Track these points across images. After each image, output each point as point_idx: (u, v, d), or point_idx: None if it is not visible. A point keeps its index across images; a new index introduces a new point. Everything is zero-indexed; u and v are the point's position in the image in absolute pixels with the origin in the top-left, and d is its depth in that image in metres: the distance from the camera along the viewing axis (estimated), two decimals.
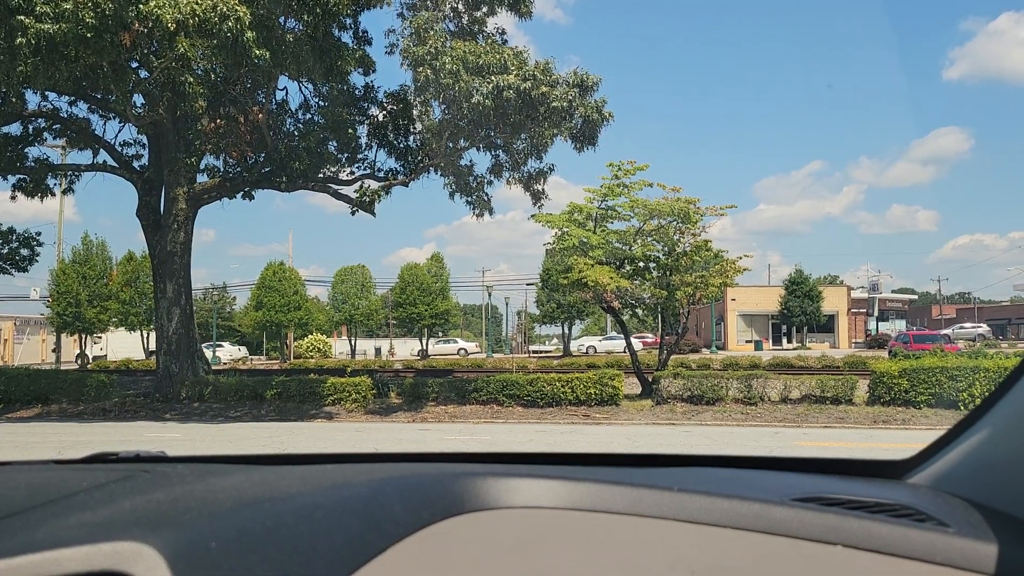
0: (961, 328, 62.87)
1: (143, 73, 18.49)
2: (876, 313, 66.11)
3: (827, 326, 62.06)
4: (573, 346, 59.10)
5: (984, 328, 62.67)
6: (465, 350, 60.59)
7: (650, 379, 19.84)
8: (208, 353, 38.16)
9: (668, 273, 19.88)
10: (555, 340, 62.78)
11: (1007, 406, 1.23)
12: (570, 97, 18.90)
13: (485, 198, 23.71)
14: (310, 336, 58.31)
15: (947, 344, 37.21)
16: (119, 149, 23.38)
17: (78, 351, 50.56)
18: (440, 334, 68.20)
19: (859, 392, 18.45)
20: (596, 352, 53.65)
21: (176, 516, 1.06)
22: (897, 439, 14.28)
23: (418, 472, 1.27)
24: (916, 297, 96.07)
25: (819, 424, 16.46)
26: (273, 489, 1.21)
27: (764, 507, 1.07)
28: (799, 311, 58.70)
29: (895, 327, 67.38)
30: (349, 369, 23.70)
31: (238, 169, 22.88)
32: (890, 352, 37.48)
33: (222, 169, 23.41)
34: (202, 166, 22.63)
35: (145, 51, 17.72)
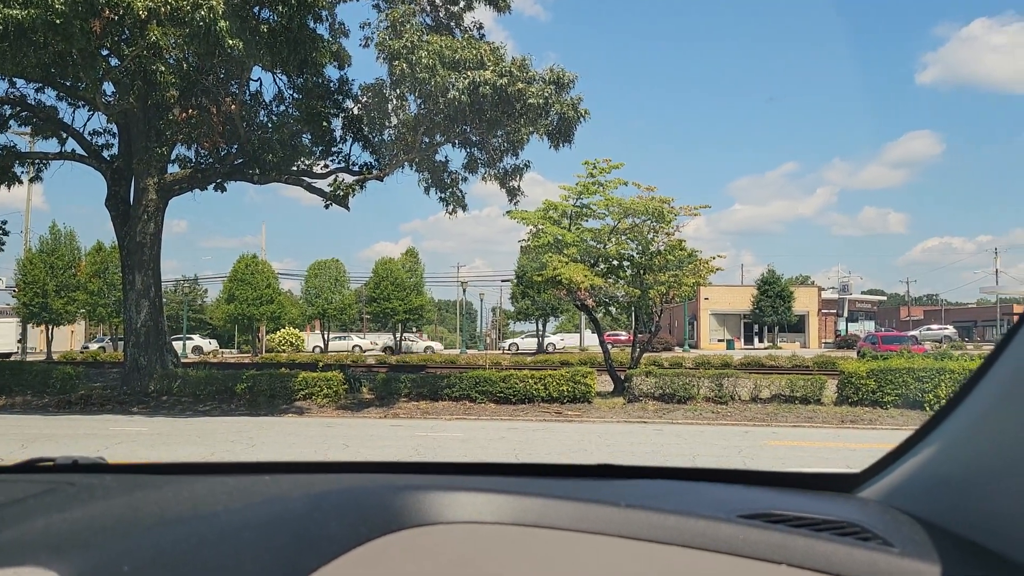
0: (928, 330, 63.72)
1: (113, 61, 18.20)
2: (846, 314, 66.86)
3: (798, 326, 62.69)
4: (519, 344, 58.63)
5: (950, 330, 63.57)
6: (431, 348, 59.85)
7: (622, 377, 19.90)
8: (178, 346, 37.75)
9: (642, 272, 19.94)
10: (513, 340, 61.49)
11: (956, 421, 1.21)
12: (546, 94, 18.88)
13: (459, 194, 23.63)
14: (282, 330, 57.88)
15: (914, 345, 37.73)
16: (88, 138, 23.00)
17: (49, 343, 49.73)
18: (414, 329, 67.93)
19: (828, 392, 18.63)
20: (519, 350, 52.29)
21: (90, 536, 1.00)
22: (864, 439, 14.43)
23: (357, 485, 1.22)
24: (885, 298, 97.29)
25: (788, 423, 16.59)
26: (201, 504, 1.15)
27: (710, 524, 1.05)
28: (771, 311, 59.23)
29: (864, 328, 68.18)
30: (321, 364, 23.52)
31: (210, 160, 22.60)
32: (859, 352, 37.93)
33: (194, 160, 23.12)
34: (173, 156, 22.33)
35: (116, 38, 17.44)
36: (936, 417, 1.26)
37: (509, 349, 55.09)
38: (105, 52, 17.79)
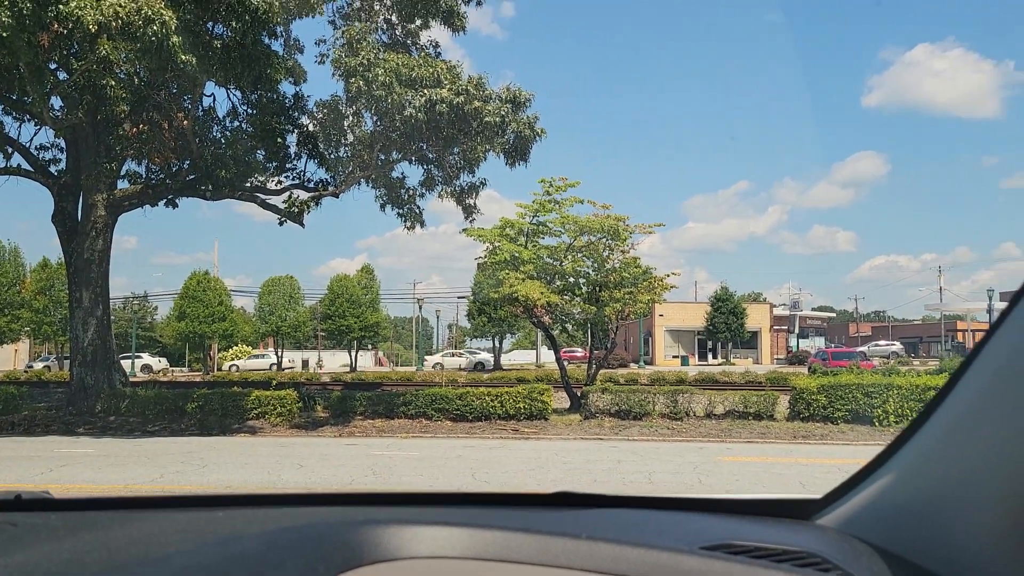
0: (876, 346, 65.06)
1: (62, 75, 17.86)
2: (797, 330, 68.05)
3: (751, 342, 63.61)
4: (448, 361, 56.85)
5: (897, 346, 64.96)
6: (384, 360, 58.67)
7: (579, 394, 19.96)
8: (127, 364, 36.90)
9: (598, 289, 20.06)
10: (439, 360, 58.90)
11: (914, 449, 1.23)
12: (503, 113, 18.97)
13: (417, 210, 23.57)
14: (234, 347, 56.98)
15: (863, 361, 38.46)
16: (35, 152, 22.45)
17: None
18: (369, 347, 67.27)
19: (780, 408, 18.89)
20: (443, 368, 50.35)
21: None
22: (815, 454, 14.64)
23: (315, 520, 1.20)
24: (835, 315, 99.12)
25: (742, 439, 16.78)
26: (152, 546, 1.11)
27: (672, 556, 1.05)
28: (724, 327, 60.00)
29: (815, 344, 69.43)
30: (275, 382, 23.16)
31: (161, 176, 22.23)
32: (810, 368, 38.52)
33: (144, 175, 22.71)
34: (123, 172, 21.92)
35: (64, 52, 17.13)
36: (894, 444, 1.28)
37: (434, 367, 53.54)
38: (53, 66, 17.45)
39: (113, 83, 16.09)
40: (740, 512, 1.50)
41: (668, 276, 20.66)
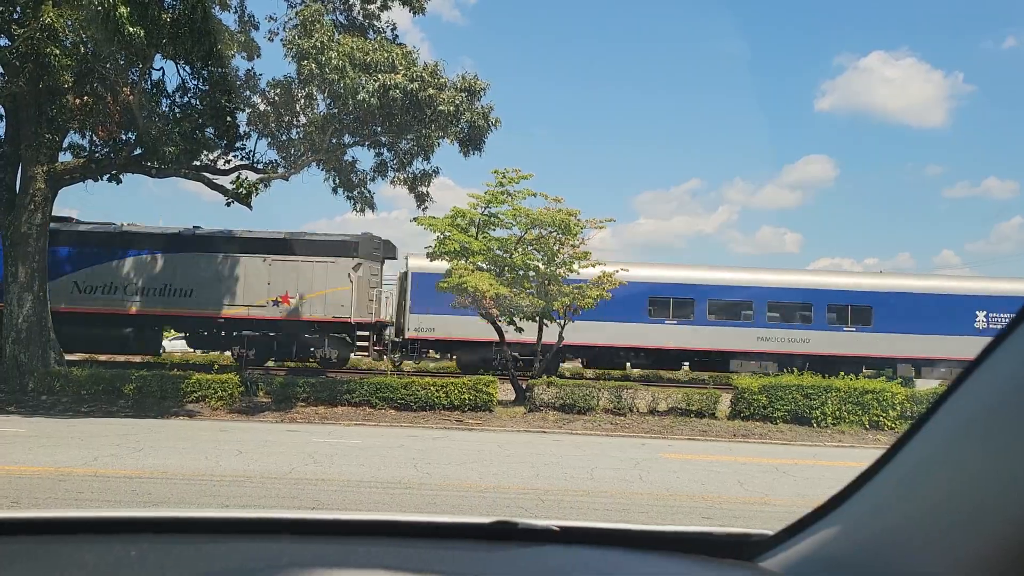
0: None
1: (3, 41, 17.24)
2: None
3: None
4: None
5: None
6: None
7: (524, 387, 20.00)
8: None
9: (547, 282, 20.08)
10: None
11: (867, 496, 1.21)
12: (457, 102, 18.84)
13: (367, 195, 23.34)
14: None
15: None
16: None
17: None
18: None
19: (722, 406, 19.17)
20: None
21: None
22: (754, 453, 14.91)
23: (233, 563, 1.13)
24: None
25: (683, 436, 17.02)
26: None
27: None
28: None
29: None
30: (216, 365, 22.73)
31: (105, 150, 21.60)
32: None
33: (88, 149, 22.04)
34: (65, 144, 21.25)
35: (6, 18, 16.54)
36: (847, 490, 1.26)
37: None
38: None
39: (57, 52, 15.59)
40: (684, 548, 1.47)
41: (617, 271, 20.74)
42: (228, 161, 22.49)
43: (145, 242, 25.92)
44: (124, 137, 21.19)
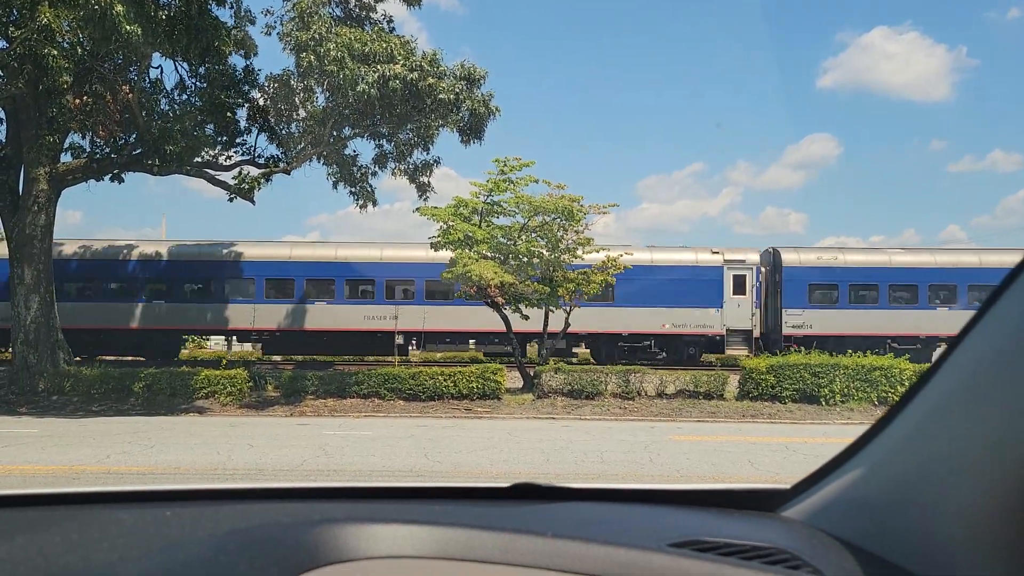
0: None
1: (1, 43, 17.23)
2: None
3: None
4: None
5: None
6: None
7: (532, 374, 20.02)
8: None
9: (551, 269, 20.08)
10: None
11: (884, 442, 1.22)
12: (457, 90, 18.81)
13: (369, 189, 23.33)
14: None
15: None
16: None
17: None
18: None
19: (730, 387, 19.18)
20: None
21: None
22: (763, 432, 14.93)
23: (267, 519, 1.14)
24: None
25: (692, 419, 17.03)
26: (93, 551, 1.04)
27: (640, 554, 1.03)
28: None
29: None
30: (225, 361, 22.80)
31: (106, 150, 21.63)
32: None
33: (89, 149, 22.06)
34: (66, 145, 21.27)
35: (3, 20, 16.52)
36: (865, 436, 1.26)
37: None
38: None
39: (55, 53, 15.55)
40: (706, 504, 1.48)
41: (621, 256, 20.73)
42: (229, 157, 22.51)
43: None
44: (125, 136, 21.20)
